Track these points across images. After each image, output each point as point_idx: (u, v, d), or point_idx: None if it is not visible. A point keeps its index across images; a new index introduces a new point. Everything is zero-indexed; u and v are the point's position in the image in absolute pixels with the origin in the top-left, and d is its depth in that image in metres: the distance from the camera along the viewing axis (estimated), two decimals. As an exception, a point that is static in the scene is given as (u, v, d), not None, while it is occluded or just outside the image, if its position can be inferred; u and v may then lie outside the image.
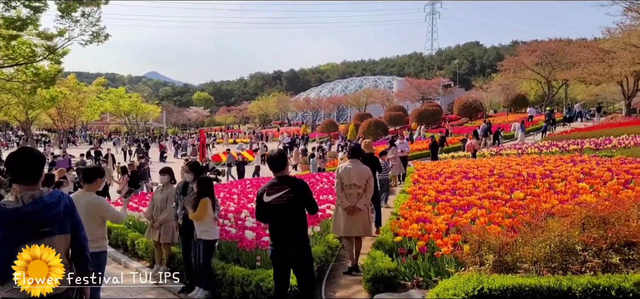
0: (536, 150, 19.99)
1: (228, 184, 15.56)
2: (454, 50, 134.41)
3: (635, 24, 24.07)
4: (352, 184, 6.68)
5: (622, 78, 35.13)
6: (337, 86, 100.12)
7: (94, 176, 5.23)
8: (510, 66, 48.98)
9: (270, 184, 4.75)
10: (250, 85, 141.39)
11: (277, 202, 4.60)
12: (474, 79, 74.34)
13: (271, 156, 4.88)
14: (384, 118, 48.29)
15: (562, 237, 4.45)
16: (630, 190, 7.97)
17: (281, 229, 4.66)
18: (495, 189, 9.42)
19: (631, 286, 3.70)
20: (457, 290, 4.00)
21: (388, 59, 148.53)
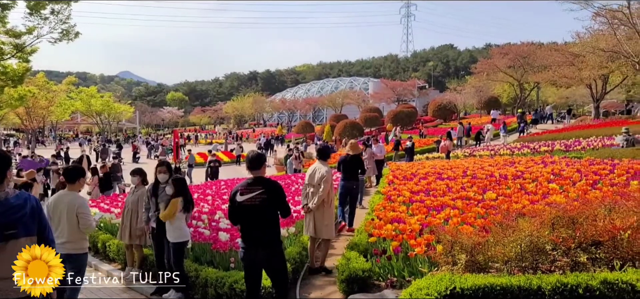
0: (508, 151, 20.34)
1: (202, 185, 15.39)
2: (429, 53, 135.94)
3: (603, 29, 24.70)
4: (308, 183, 6.90)
5: (591, 81, 36.06)
6: (313, 86, 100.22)
7: (76, 176, 5.19)
8: (484, 69, 49.78)
9: (244, 184, 4.70)
10: (225, 85, 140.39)
11: (249, 203, 4.53)
12: (449, 81, 75.37)
13: (249, 155, 4.84)
14: (359, 119, 48.50)
15: (532, 237, 4.53)
16: (598, 191, 8.17)
17: (253, 230, 4.58)
18: (468, 189, 9.54)
19: (598, 284, 3.78)
20: (430, 290, 4.02)
21: (364, 61, 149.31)
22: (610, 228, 4.44)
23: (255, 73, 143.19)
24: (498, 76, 48.41)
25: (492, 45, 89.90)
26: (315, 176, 6.84)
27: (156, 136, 62.08)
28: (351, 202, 9.45)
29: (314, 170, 6.94)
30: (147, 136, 64.57)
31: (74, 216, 4.94)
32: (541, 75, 42.05)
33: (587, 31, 29.32)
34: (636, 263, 4.30)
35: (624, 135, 18.01)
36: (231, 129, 74.38)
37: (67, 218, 4.93)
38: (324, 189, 6.71)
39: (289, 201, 10.20)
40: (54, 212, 5.02)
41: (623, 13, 17.83)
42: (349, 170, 9.57)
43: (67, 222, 4.93)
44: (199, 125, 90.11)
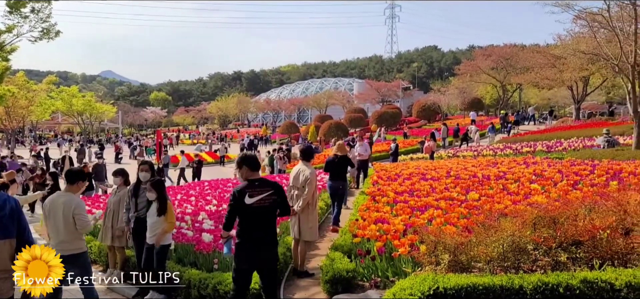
0: (491, 152, 20.55)
1: (185, 186, 15.27)
2: (413, 54, 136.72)
3: (584, 32, 25.04)
4: (294, 186, 6.81)
5: (572, 83, 36.59)
6: (297, 87, 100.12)
7: (75, 178, 5.21)
8: (467, 70, 50.24)
9: (249, 186, 4.60)
10: (209, 85, 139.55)
11: (260, 204, 4.53)
12: (433, 82, 75.80)
13: (249, 157, 4.90)
14: (344, 120, 48.58)
15: (514, 237, 4.57)
16: (579, 191, 8.29)
17: (255, 231, 4.56)
18: (451, 190, 9.62)
19: (578, 283, 3.84)
20: (413, 290, 4.04)
21: (349, 61, 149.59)
22: (590, 228, 4.51)
23: (239, 73, 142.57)
24: (481, 77, 48.91)
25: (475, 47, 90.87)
26: (299, 177, 6.76)
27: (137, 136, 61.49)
28: (338, 202, 9.53)
29: (298, 172, 6.84)
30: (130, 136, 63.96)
31: (70, 217, 4.93)
32: (523, 76, 42.58)
33: (568, 34, 29.75)
34: (615, 262, 4.37)
35: (604, 136, 18.29)
36: (214, 130, 73.95)
37: (64, 219, 4.92)
38: (308, 192, 6.65)
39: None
40: (50, 213, 5.03)
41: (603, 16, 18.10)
42: (336, 171, 9.63)
43: (63, 223, 4.93)
44: (182, 125, 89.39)
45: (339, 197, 9.59)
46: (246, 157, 4.84)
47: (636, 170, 9.87)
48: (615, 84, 36.48)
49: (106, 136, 65.64)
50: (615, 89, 38.79)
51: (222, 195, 11.65)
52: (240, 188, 4.61)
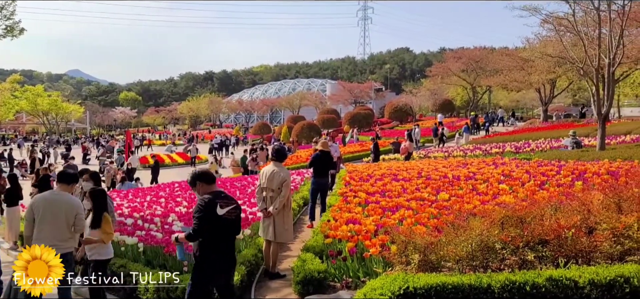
0: (461, 153, 20.84)
1: (155, 187, 15.03)
2: (386, 56, 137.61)
3: (551, 35, 25.66)
4: (266, 187, 6.71)
5: (540, 85, 37.48)
6: (270, 88, 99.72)
7: (72, 180, 5.40)
8: (438, 72, 50.94)
9: (216, 196, 4.55)
10: (180, 85, 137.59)
11: (228, 216, 4.50)
12: (405, 83, 76.54)
13: (201, 173, 4.80)
14: (317, 121, 48.65)
15: (483, 236, 4.64)
16: (545, 191, 8.47)
17: (221, 243, 4.53)
18: (422, 190, 9.71)
19: (544, 282, 3.92)
20: (384, 290, 4.06)
21: (321, 62, 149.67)
22: (556, 227, 4.61)
23: (211, 73, 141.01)
24: (452, 79, 49.65)
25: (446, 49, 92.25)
26: (274, 179, 6.65)
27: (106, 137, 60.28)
28: (322, 198, 9.70)
29: (273, 173, 6.71)
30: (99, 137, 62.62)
31: (72, 218, 5.03)
32: (493, 79, 43.39)
33: (536, 37, 30.47)
34: (579, 260, 4.48)
35: (571, 137, 18.76)
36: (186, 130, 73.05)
37: (66, 220, 5.00)
38: (285, 193, 6.61)
39: (245, 202, 10.18)
40: (46, 213, 5.01)
41: (568, 20, 18.57)
42: (321, 167, 9.78)
43: (65, 224, 5.01)
44: (152, 125, 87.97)
45: (323, 193, 9.81)
46: (199, 174, 4.74)
47: (600, 170, 10.15)
48: (581, 87, 37.54)
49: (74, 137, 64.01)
50: (581, 91, 39.91)
51: (192, 196, 11.50)
52: (209, 198, 4.49)
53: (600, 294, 3.81)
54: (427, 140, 31.52)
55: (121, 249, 7.08)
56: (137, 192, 13.77)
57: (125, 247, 7.14)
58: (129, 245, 7.14)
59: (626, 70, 26.09)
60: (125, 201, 11.39)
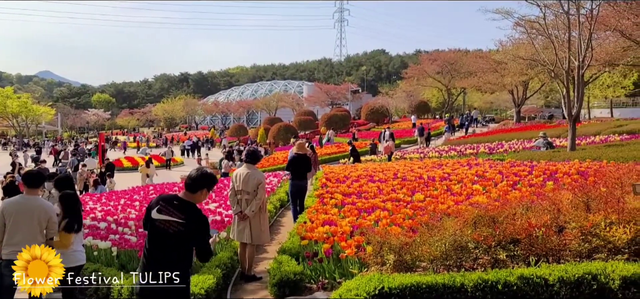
0: (437, 154, 21.08)
1: (130, 190, 14.81)
2: (362, 57, 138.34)
3: (523, 38, 26.21)
4: (241, 189, 6.70)
5: (513, 87, 38.21)
6: (247, 89, 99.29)
7: (39, 182, 5.19)
8: (414, 74, 51.51)
9: (166, 199, 3.83)
10: (155, 87, 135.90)
11: (162, 226, 3.70)
12: (381, 85, 77.17)
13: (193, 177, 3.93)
14: (294, 122, 48.67)
15: (456, 236, 4.71)
16: (518, 191, 8.62)
17: (160, 253, 3.73)
18: (398, 191, 9.77)
19: (515, 280, 3.99)
20: (359, 290, 4.09)
21: (298, 64, 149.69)
22: (527, 226, 4.70)
23: (186, 75, 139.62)
24: (427, 81, 50.25)
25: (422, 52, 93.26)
26: (249, 182, 6.64)
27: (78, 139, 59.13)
28: (300, 201, 9.68)
29: (247, 175, 6.69)
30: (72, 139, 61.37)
31: (45, 222, 4.91)
32: (467, 81, 44.08)
33: (508, 40, 31.07)
34: (549, 258, 4.58)
35: (542, 139, 19.14)
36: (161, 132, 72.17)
37: (38, 223, 4.89)
38: (261, 195, 6.64)
39: (220, 205, 10.11)
40: (18, 218, 4.88)
41: (539, 23, 19.00)
42: (299, 169, 9.74)
43: (38, 228, 4.89)
44: (126, 128, 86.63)
45: (301, 195, 9.76)
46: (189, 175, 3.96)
47: (570, 171, 10.37)
48: (552, 89, 38.34)
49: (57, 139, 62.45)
50: (552, 93, 40.80)
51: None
52: (158, 198, 3.92)
53: (569, 291, 3.91)
54: (403, 141, 31.77)
55: (94, 253, 6.96)
56: (111, 195, 13.55)
57: (98, 251, 7.02)
58: (102, 249, 7.01)
59: (595, 72, 26.86)
60: (98, 204, 11.20)
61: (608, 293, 3.88)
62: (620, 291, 3.84)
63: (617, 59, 24.18)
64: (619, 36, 21.73)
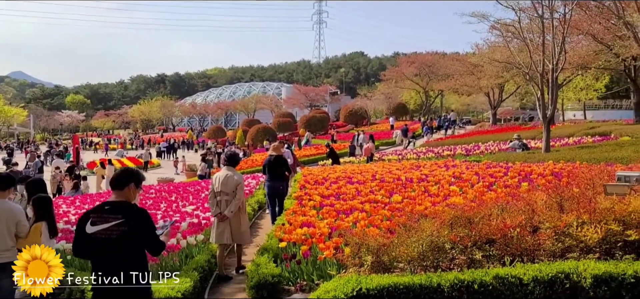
0: (414, 156, 21.25)
1: (105, 192, 14.57)
2: (341, 59, 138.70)
3: (499, 41, 26.66)
4: (221, 191, 6.87)
5: (489, 89, 38.77)
6: (225, 91, 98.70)
7: (7, 184, 5.06)
8: (392, 76, 51.84)
9: (97, 209, 3.59)
10: (131, 88, 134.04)
11: (103, 235, 3.43)
12: (359, 87, 77.36)
13: (113, 177, 3.77)
14: (272, 124, 48.51)
15: (433, 237, 4.75)
16: (493, 192, 8.74)
17: (109, 273, 3.45)
18: (376, 193, 9.82)
19: (491, 280, 4.05)
20: (337, 292, 4.09)
21: (277, 66, 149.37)
22: (502, 227, 4.77)
23: (163, 76, 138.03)
24: (405, 83, 50.62)
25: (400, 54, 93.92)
26: (228, 183, 6.82)
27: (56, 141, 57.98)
28: (279, 202, 9.76)
29: (226, 177, 6.88)
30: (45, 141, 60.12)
31: (14, 226, 4.84)
32: (444, 83, 44.57)
33: (485, 43, 31.59)
34: (524, 258, 4.65)
35: (516, 141, 19.45)
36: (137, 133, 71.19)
37: (7, 227, 4.81)
38: (239, 196, 6.81)
39: (198, 207, 10.02)
40: None
41: (514, 27, 19.36)
42: (275, 171, 9.86)
43: (7, 232, 4.82)
44: (102, 129, 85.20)
45: (280, 197, 9.87)
46: (127, 171, 3.80)
47: (544, 172, 10.56)
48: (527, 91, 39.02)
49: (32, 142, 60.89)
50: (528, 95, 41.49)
51: (142, 203, 11.23)
52: (86, 212, 3.64)
53: (543, 290, 3.97)
54: (382, 143, 31.95)
55: (67, 258, 6.82)
56: (85, 198, 13.32)
57: (71, 256, 6.88)
58: (76, 253, 6.87)
59: (569, 75, 27.40)
60: (72, 207, 10.99)
61: (580, 291, 3.95)
62: (591, 289, 3.92)
63: (589, 62, 24.77)
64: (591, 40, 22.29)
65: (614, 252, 4.53)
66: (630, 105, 29.85)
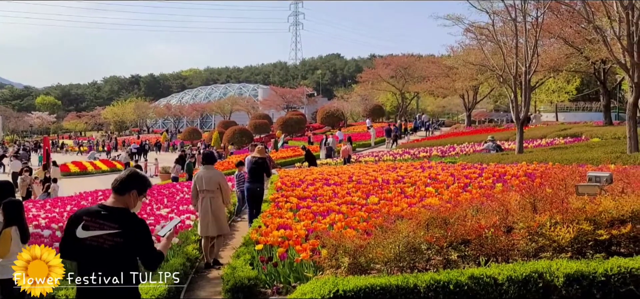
0: (391, 157, 21.39)
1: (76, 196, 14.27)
2: (317, 61, 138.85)
3: (473, 44, 27.04)
4: (203, 189, 7.47)
5: (464, 91, 39.29)
6: (200, 92, 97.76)
7: None
8: (369, 78, 52.08)
9: (92, 212, 3.28)
10: (104, 89, 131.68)
11: (95, 243, 3.16)
12: (336, 89, 77.57)
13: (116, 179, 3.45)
14: (249, 126, 48.28)
15: (409, 238, 4.77)
16: (468, 193, 8.83)
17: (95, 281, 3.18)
18: (353, 194, 9.83)
19: (466, 280, 4.08)
20: (314, 294, 4.07)
21: (253, 67, 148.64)
22: (477, 227, 4.82)
23: (137, 77, 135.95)
24: (382, 85, 50.90)
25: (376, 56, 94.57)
26: (211, 181, 7.46)
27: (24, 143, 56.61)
28: (256, 204, 9.90)
29: (209, 177, 7.50)
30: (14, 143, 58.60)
31: None
32: (420, 85, 45.01)
33: (459, 46, 32.01)
34: (498, 258, 4.70)
35: (490, 142, 19.74)
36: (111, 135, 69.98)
37: None
38: (226, 189, 7.64)
39: (173, 210, 9.88)
40: None
41: (488, 30, 19.66)
42: (256, 173, 10.07)
43: None
44: (73, 131, 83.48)
45: (257, 199, 9.98)
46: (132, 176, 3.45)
47: (518, 173, 10.73)
48: (501, 93, 39.67)
49: None
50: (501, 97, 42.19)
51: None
52: (77, 213, 3.38)
53: (517, 289, 4.02)
54: (358, 144, 32.08)
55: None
56: (56, 202, 13.02)
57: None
58: (46, 258, 6.70)
59: (541, 78, 27.96)
60: (42, 211, 10.72)
61: (553, 290, 4.01)
62: (564, 287, 3.99)
63: (560, 65, 25.31)
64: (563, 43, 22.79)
65: (586, 251, 4.62)
66: (600, 107, 30.60)
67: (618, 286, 3.98)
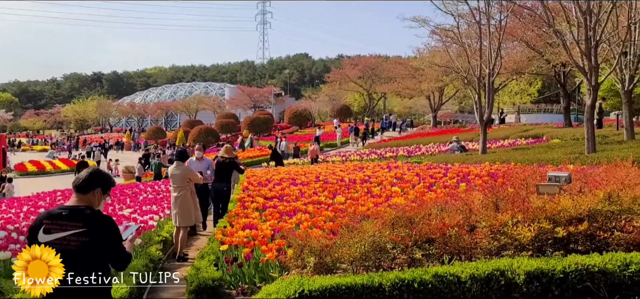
0: (358, 157, 21.52)
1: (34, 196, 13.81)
2: (285, 61, 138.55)
3: (438, 46, 27.47)
4: (174, 185, 8.07)
5: (430, 93, 39.89)
6: (165, 90, 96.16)
7: None
8: (336, 78, 52.35)
9: (53, 214, 3.15)
10: (64, 86, 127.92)
11: (59, 246, 3.01)
12: (304, 89, 77.67)
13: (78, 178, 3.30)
14: (215, 125, 47.80)
15: (375, 237, 4.78)
16: (433, 192, 8.95)
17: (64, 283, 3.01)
18: (319, 194, 9.82)
19: (430, 278, 4.12)
20: (279, 294, 4.04)
21: (220, 66, 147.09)
22: (441, 226, 4.87)
23: (99, 74, 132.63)
24: (349, 86, 51.24)
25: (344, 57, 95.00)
26: (181, 177, 8.02)
27: None
28: (222, 204, 9.88)
29: (181, 172, 8.08)
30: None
31: None
32: (387, 86, 45.50)
33: (425, 47, 32.49)
34: (462, 256, 4.77)
35: (455, 143, 20.09)
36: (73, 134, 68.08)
37: None
38: (195, 179, 8.34)
39: (135, 210, 9.67)
40: None
41: (454, 32, 20.01)
42: (224, 173, 10.10)
43: None
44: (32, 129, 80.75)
45: (223, 199, 9.93)
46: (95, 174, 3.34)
47: (481, 172, 10.94)
48: (466, 95, 40.46)
49: None
50: (466, 99, 43.07)
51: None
52: (39, 216, 3.24)
53: (480, 287, 4.08)
54: (326, 144, 32.16)
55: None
56: (12, 202, 12.56)
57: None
58: (1, 261, 6.46)
59: (504, 80, 28.65)
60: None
61: (514, 287, 4.09)
62: (524, 285, 4.07)
63: (523, 68, 25.97)
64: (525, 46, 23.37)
65: (545, 249, 4.74)
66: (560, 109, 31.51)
67: (575, 283, 4.09)
